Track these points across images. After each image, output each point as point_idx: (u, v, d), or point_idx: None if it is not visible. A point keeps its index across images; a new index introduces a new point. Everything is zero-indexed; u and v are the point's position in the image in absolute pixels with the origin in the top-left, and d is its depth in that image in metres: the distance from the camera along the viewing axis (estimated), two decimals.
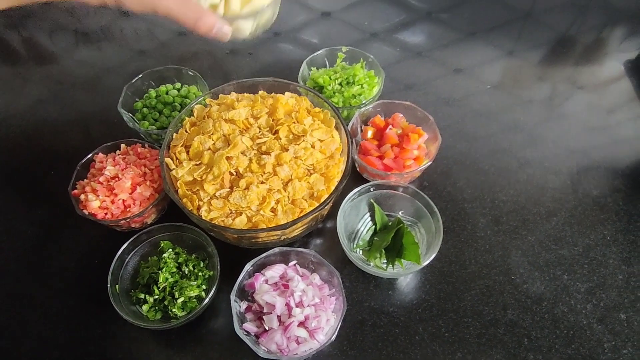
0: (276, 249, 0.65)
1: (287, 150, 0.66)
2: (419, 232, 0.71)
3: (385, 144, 0.77)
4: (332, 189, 0.65)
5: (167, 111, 0.83)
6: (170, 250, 0.69)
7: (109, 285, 0.63)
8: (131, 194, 0.70)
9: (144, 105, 0.84)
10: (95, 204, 0.68)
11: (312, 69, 0.90)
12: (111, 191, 0.69)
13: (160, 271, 0.65)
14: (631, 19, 1.10)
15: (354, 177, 0.79)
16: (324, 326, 0.61)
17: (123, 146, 0.77)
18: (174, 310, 0.63)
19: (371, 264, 0.69)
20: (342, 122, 0.70)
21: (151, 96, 0.85)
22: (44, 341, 0.66)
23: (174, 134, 0.70)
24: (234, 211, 0.63)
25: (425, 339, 0.64)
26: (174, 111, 0.83)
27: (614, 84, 0.96)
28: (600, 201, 0.77)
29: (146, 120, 0.82)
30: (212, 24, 0.52)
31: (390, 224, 0.71)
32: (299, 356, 0.59)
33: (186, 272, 0.67)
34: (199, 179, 0.65)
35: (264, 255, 0.64)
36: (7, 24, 1.11)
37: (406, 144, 0.75)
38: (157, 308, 0.64)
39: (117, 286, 0.65)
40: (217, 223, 0.62)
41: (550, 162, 0.82)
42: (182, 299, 0.63)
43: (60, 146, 0.87)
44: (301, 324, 0.60)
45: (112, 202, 0.69)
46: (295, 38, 1.05)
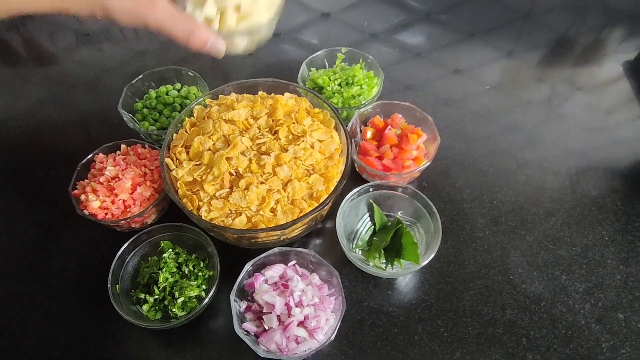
0: (276, 249, 0.65)
1: (286, 150, 0.67)
2: (418, 232, 0.71)
3: (384, 144, 0.77)
4: (332, 189, 0.65)
5: (167, 112, 0.83)
6: (171, 250, 0.69)
7: (109, 285, 0.64)
8: (131, 194, 0.70)
9: (144, 106, 0.84)
10: (96, 204, 0.69)
11: (312, 69, 0.91)
12: (111, 191, 0.69)
13: (161, 271, 0.65)
14: (630, 20, 1.10)
15: (353, 178, 0.79)
16: (323, 326, 0.61)
17: (123, 146, 0.77)
18: (174, 310, 0.63)
19: (370, 264, 0.69)
20: (341, 122, 0.70)
21: (151, 97, 0.85)
22: (44, 341, 0.66)
23: (174, 135, 0.70)
24: (233, 211, 0.63)
25: (424, 338, 0.64)
26: (174, 112, 0.84)
27: (612, 85, 0.96)
28: (598, 202, 0.77)
29: (146, 120, 0.83)
30: (205, 39, 0.50)
31: (389, 224, 0.72)
32: (298, 356, 0.59)
33: (186, 272, 0.67)
34: (199, 179, 0.65)
35: (263, 255, 0.64)
36: (7, 25, 1.11)
37: (405, 145, 0.76)
38: (157, 308, 0.65)
39: (118, 286, 0.65)
40: (217, 223, 0.62)
41: (549, 163, 0.83)
42: (182, 298, 0.64)
43: (61, 146, 0.87)
44: (300, 323, 0.60)
45: (113, 202, 0.69)
46: (294, 39, 1.05)
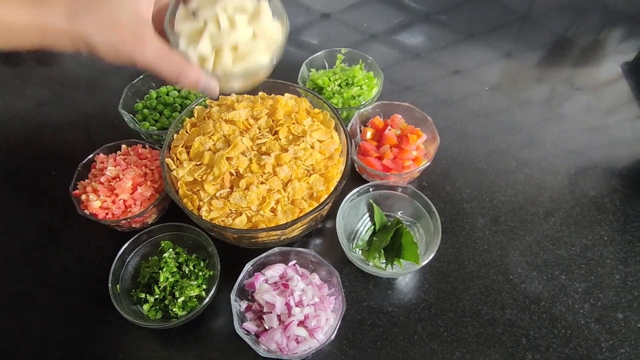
0: (276, 249, 0.65)
1: (286, 150, 0.67)
2: (417, 232, 0.72)
3: (384, 144, 0.77)
4: (332, 189, 0.65)
5: (168, 112, 0.83)
6: (171, 250, 0.69)
7: (109, 285, 0.64)
8: (132, 194, 0.70)
9: (145, 106, 0.85)
10: (96, 204, 0.69)
11: (312, 70, 0.91)
12: (112, 191, 0.70)
13: (161, 271, 0.66)
14: (629, 21, 1.10)
15: (353, 178, 0.79)
16: (323, 325, 0.61)
17: (124, 147, 0.77)
18: (174, 309, 0.63)
19: (370, 263, 0.69)
20: (341, 123, 0.71)
21: (152, 97, 0.85)
22: (44, 341, 0.66)
23: (175, 135, 0.70)
24: (234, 211, 0.63)
25: (424, 338, 0.65)
26: (175, 112, 0.84)
27: (611, 85, 0.97)
28: (597, 201, 0.78)
29: (147, 121, 0.83)
30: (195, 79, 0.48)
31: (389, 224, 0.72)
32: (298, 355, 0.59)
33: (186, 272, 0.67)
34: (199, 179, 0.65)
35: (263, 255, 0.65)
36: None
37: (405, 145, 0.76)
38: (157, 307, 0.65)
39: (118, 286, 0.65)
40: (217, 223, 0.62)
41: (548, 163, 0.83)
42: (182, 298, 0.64)
43: (61, 147, 0.87)
44: (301, 323, 0.60)
45: (113, 202, 0.69)
46: (294, 39, 1.05)
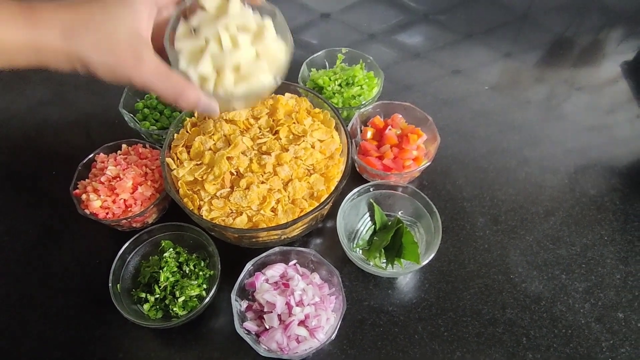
0: (276, 249, 0.65)
1: (287, 150, 0.67)
2: (418, 231, 0.72)
3: (384, 144, 0.77)
4: (332, 189, 0.65)
5: (168, 112, 0.83)
6: (171, 249, 0.69)
7: (110, 285, 0.64)
8: (132, 193, 0.70)
9: (145, 106, 0.84)
10: (97, 203, 0.69)
11: (312, 70, 0.91)
12: (112, 191, 0.70)
13: (161, 270, 0.66)
14: (628, 21, 1.11)
15: (353, 177, 0.79)
16: (324, 325, 0.61)
17: (124, 146, 0.77)
18: (174, 309, 0.63)
19: (371, 263, 0.69)
20: (341, 122, 0.71)
21: (152, 96, 0.85)
22: (44, 341, 0.66)
23: (175, 134, 0.70)
24: (234, 211, 0.63)
25: (424, 338, 0.65)
26: (175, 111, 0.84)
27: (611, 85, 0.97)
28: (597, 201, 0.78)
29: (147, 120, 0.83)
30: (195, 101, 0.47)
31: (389, 223, 0.72)
32: (299, 355, 0.59)
33: (187, 272, 0.67)
34: (199, 179, 0.65)
35: (264, 254, 0.64)
36: None
37: (405, 145, 0.76)
38: (158, 307, 0.65)
39: (119, 285, 0.65)
40: (217, 223, 0.62)
41: (548, 162, 0.83)
42: (183, 298, 0.64)
43: (62, 146, 0.87)
44: (301, 322, 0.60)
45: (114, 201, 0.69)
46: (295, 39, 1.05)
